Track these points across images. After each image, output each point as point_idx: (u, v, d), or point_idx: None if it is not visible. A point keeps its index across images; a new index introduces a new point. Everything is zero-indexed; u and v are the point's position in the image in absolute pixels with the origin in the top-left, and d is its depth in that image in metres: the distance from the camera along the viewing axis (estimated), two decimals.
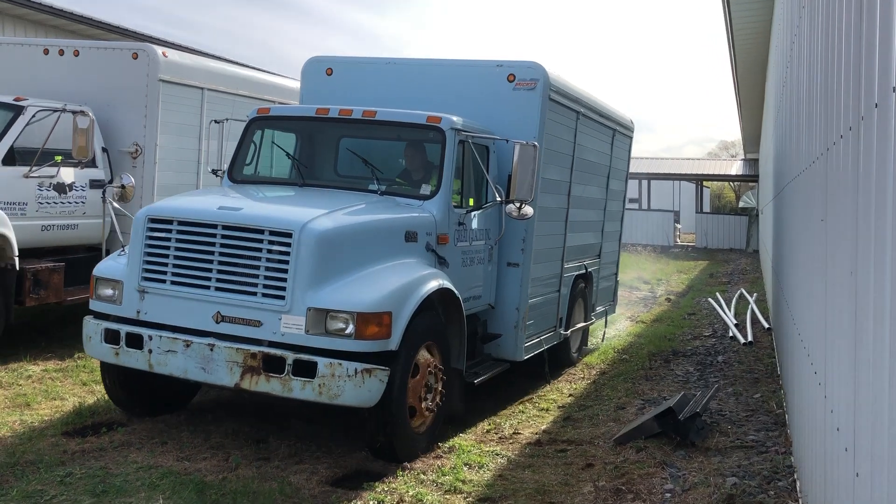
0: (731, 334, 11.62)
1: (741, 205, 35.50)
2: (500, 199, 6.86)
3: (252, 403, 6.79)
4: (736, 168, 36.83)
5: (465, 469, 5.65)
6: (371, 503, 4.96)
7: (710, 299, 15.68)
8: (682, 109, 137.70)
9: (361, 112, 6.83)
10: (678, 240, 35.57)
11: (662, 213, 35.77)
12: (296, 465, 5.54)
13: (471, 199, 7.00)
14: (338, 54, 8.43)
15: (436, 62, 7.92)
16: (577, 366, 9.60)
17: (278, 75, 12.73)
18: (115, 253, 6.30)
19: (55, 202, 8.41)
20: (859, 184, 2.65)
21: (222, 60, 14.76)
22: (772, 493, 5.15)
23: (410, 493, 5.10)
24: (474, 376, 6.82)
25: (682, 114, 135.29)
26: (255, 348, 5.33)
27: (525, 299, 7.51)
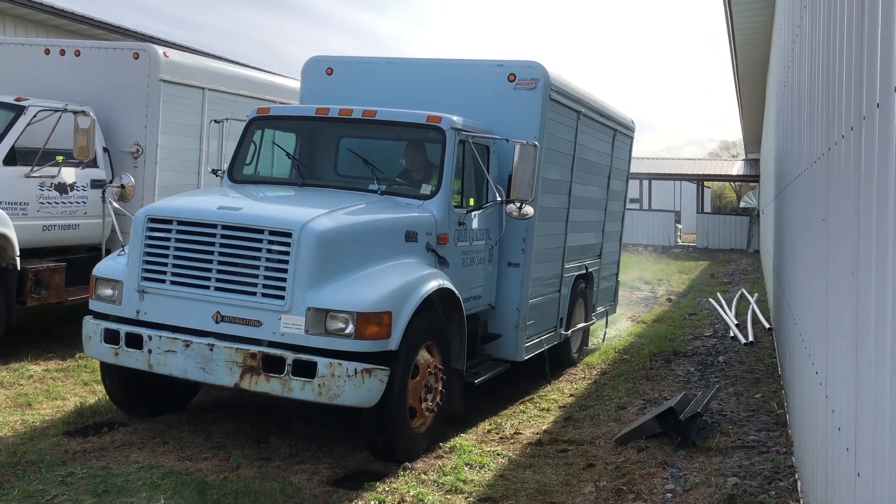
0: (731, 334, 11.62)
1: (742, 205, 35.51)
2: (500, 199, 6.85)
3: (253, 403, 6.79)
4: (737, 168, 36.84)
5: (466, 469, 5.65)
6: (372, 503, 4.97)
7: (711, 299, 15.68)
8: (683, 109, 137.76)
9: (361, 112, 6.82)
10: (679, 240, 35.55)
11: (663, 214, 35.78)
12: (297, 465, 5.54)
13: (471, 199, 6.99)
14: (338, 54, 8.42)
15: (436, 62, 7.91)
16: (577, 366, 9.59)
17: (279, 75, 12.73)
18: (115, 253, 6.28)
19: (56, 202, 8.42)
20: (861, 184, 2.65)
21: (223, 60, 14.76)
22: (773, 493, 5.14)
23: (412, 493, 5.10)
24: (474, 376, 6.81)
25: (683, 114, 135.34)
26: (254, 348, 5.32)
27: (525, 299, 7.51)
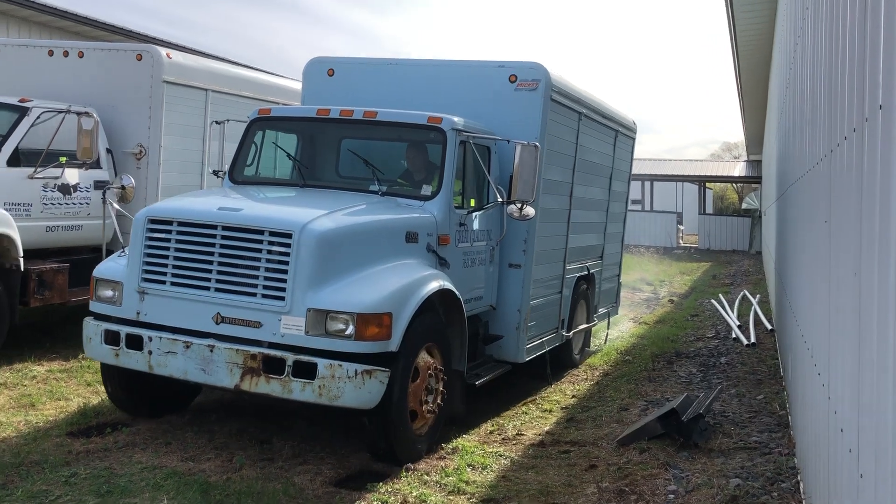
0: (734, 336, 11.61)
1: (744, 206, 35.52)
2: (501, 200, 6.85)
3: (255, 404, 6.79)
4: (739, 169, 36.84)
5: (468, 470, 5.65)
6: None
7: (713, 301, 15.67)
8: (685, 111, 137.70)
9: (362, 113, 6.82)
10: (681, 241, 35.54)
11: (665, 215, 35.79)
12: (300, 466, 5.55)
13: (472, 200, 6.98)
14: (339, 55, 8.42)
15: (437, 63, 7.91)
16: (580, 367, 9.60)
17: (281, 76, 12.75)
18: (116, 254, 6.28)
19: (60, 203, 8.43)
20: (863, 185, 2.65)
21: (226, 62, 14.78)
22: (775, 494, 5.14)
23: (414, 494, 5.10)
24: (475, 378, 6.80)
25: (685, 115, 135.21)
26: (254, 349, 5.32)
27: (527, 301, 7.50)
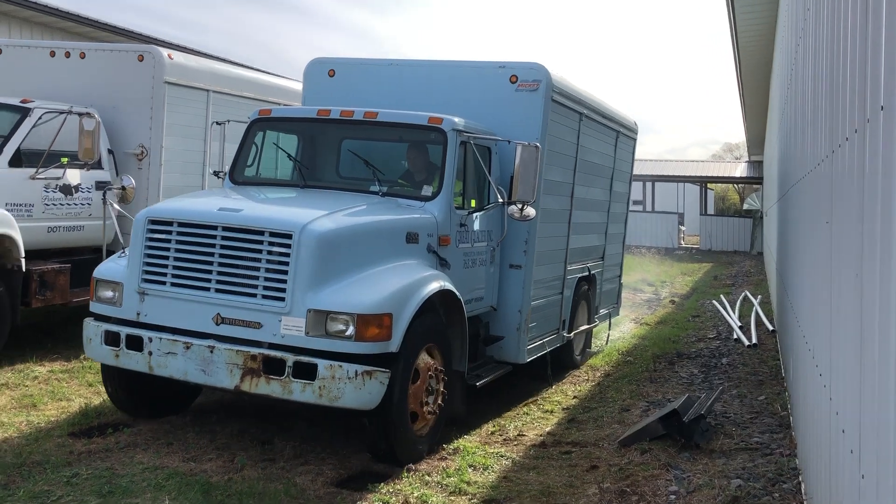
0: (735, 336, 11.61)
1: (745, 207, 35.53)
2: (502, 201, 6.85)
3: (257, 405, 6.80)
4: (740, 170, 36.83)
5: (469, 470, 5.65)
6: None
7: (715, 301, 15.67)
8: (687, 111, 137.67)
9: (363, 113, 6.82)
10: (682, 242, 35.54)
11: (666, 216, 35.78)
12: (301, 466, 5.55)
13: (473, 201, 6.98)
14: (340, 55, 8.43)
15: (438, 63, 7.91)
16: (581, 368, 9.59)
17: (283, 77, 12.76)
18: (116, 254, 6.28)
19: (61, 204, 8.44)
20: (865, 186, 2.65)
21: (227, 62, 14.80)
22: (776, 495, 5.14)
23: (415, 495, 5.10)
24: (476, 379, 6.80)
25: (687, 116, 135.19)
26: (255, 350, 5.31)
27: (527, 301, 7.50)
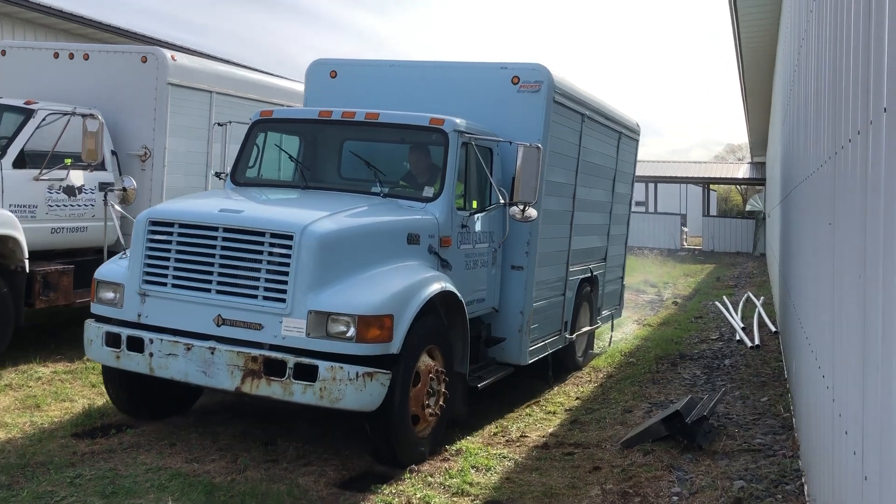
0: (738, 338, 11.60)
1: (748, 208, 35.47)
2: (503, 202, 6.85)
3: (259, 406, 6.80)
4: (743, 171, 36.80)
5: (472, 472, 5.66)
6: None
7: (717, 303, 15.66)
8: (689, 112, 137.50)
9: (364, 114, 6.81)
10: (685, 243, 35.50)
11: (669, 217, 35.74)
12: (304, 468, 5.55)
13: (474, 202, 6.97)
14: (341, 56, 8.44)
15: (439, 64, 7.91)
16: (583, 369, 9.59)
17: (286, 78, 12.77)
18: (117, 256, 6.28)
19: (65, 205, 8.46)
20: (867, 187, 2.65)
21: (230, 64, 14.82)
22: (779, 496, 5.14)
23: (418, 496, 5.11)
24: (478, 380, 6.79)
25: (689, 117, 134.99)
26: (255, 352, 5.30)
27: (529, 303, 7.49)
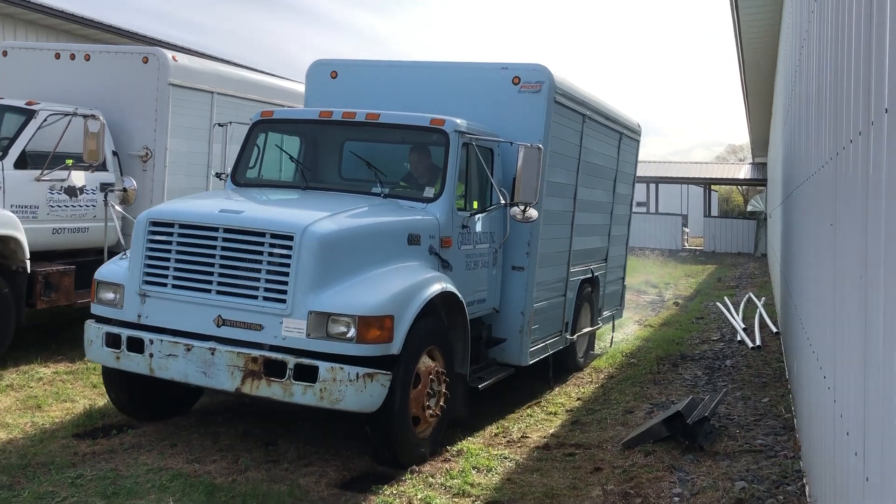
0: (739, 338, 11.59)
1: (749, 209, 35.44)
2: (504, 202, 6.85)
3: (260, 406, 6.80)
4: (744, 172, 36.77)
5: (473, 472, 5.66)
6: None
7: (718, 303, 15.65)
8: (690, 113, 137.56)
9: (365, 115, 6.81)
10: (686, 243, 35.49)
11: (670, 217, 35.72)
12: (305, 468, 5.55)
13: (475, 202, 6.96)
14: (342, 56, 8.46)
15: (440, 65, 7.91)
16: (584, 370, 9.59)
17: (287, 79, 12.77)
18: (118, 256, 6.28)
19: (66, 205, 8.47)
20: (869, 188, 2.65)
21: (231, 64, 14.83)
22: (781, 497, 5.13)
23: (419, 497, 5.11)
24: (478, 381, 6.79)
25: (690, 117, 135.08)
26: (256, 352, 5.30)
27: (530, 303, 7.49)
